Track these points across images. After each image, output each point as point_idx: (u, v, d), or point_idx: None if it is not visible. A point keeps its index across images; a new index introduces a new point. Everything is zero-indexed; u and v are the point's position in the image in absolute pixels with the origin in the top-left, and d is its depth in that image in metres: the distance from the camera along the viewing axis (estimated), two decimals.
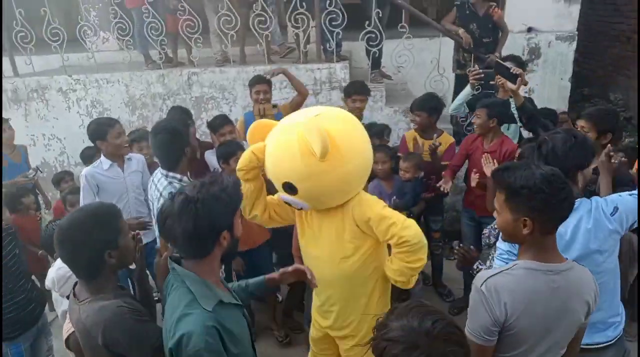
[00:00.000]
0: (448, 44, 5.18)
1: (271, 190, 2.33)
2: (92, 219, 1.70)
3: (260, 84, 4.04)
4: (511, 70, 3.48)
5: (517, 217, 1.61)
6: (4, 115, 4.44)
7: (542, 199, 1.56)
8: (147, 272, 2.06)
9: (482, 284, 1.59)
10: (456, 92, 4.88)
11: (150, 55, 5.45)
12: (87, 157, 4.32)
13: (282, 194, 2.18)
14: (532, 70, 6.11)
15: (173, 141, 2.69)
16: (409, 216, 3.32)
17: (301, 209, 2.23)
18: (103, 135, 3.33)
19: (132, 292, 2.13)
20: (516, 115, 3.63)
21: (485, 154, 3.40)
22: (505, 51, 4.93)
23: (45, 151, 5.47)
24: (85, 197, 3.33)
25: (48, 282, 2.39)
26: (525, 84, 3.55)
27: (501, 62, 3.84)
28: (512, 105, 3.66)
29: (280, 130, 2.12)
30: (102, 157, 3.43)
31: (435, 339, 1.10)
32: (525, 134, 4.04)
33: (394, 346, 1.12)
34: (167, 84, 5.18)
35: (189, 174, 2.94)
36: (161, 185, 2.71)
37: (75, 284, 1.81)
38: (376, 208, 2.15)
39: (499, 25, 4.88)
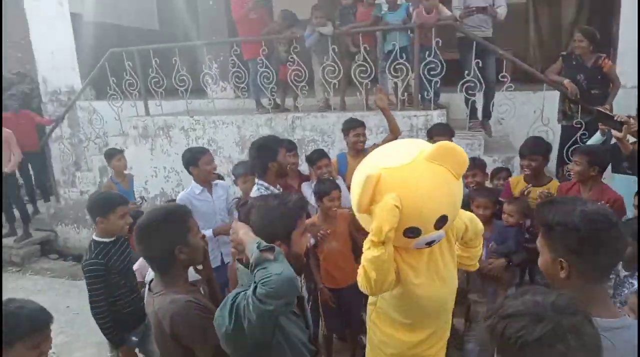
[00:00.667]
0: (551, 98, 5.08)
1: None
2: (165, 217, 1.89)
3: (359, 127, 4.20)
4: (615, 118, 3.34)
5: (554, 257, 1.45)
6: (134, 149, 5.21)
7: (578, 238, 1.38)
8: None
9: None
10: (562, 144, 4.73)
11: (261, 102, 5.99)
12: None
13: (430, 234, 1.97)
14: None
15: (259, 153, 3.06)
16: (508, 264, 3.28)
17: (431, 244, 2.04)
18: (195, 162, 3.72)
19: None
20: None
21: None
22: (617, 106, 4.72)
23: (164, 182, 6.15)
24: None
25: (135, 266, 2.61)
26: (632, 131, 3.38)
27: (603, 110, 3.71)
28: None
29: (413, 168, 1.90)
30: (193, 183, 3.80)
31: (561, 312, 1.03)
32: None
33: (516, 320, 1.03)
34: (274, 126, 5.64)
35: (278, 186, 3.20)
36: (252, 190, 3.05)
37: (152, 280, 1.99)
38: (461, 213, 2.16)
39: (609, 77, 4.71)
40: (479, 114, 5.34)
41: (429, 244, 2.03)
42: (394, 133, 4.37)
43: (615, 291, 2.71)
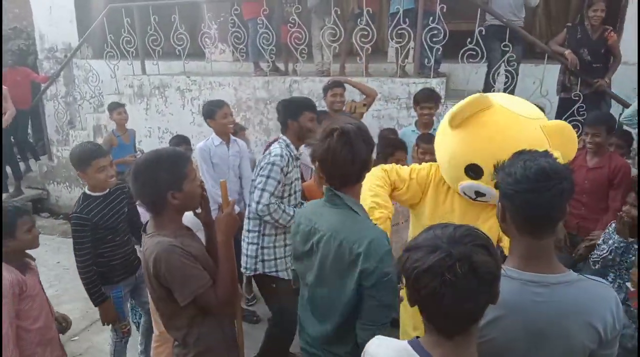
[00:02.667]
0: (552, 70, 5.00)
1: None
2: (161, 160, 1.83)
3: (337, 87, 4.21)
4: None
5: (498, 200, 1.41)
6: (129, 108, 5.19)
7: (511, 184, 1.33)
8: None
9: None
10: (559, 115, 4.68)
11: (260, 64, 5.90)
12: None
13: (487, 186, 2.00)
14: None
15: (284, 109, 3.03)
16: None
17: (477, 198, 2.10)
18: (212, 115, 3.78)
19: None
20: None
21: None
22: (614, 83, 4.66)
23: (159, 143, 6.08)
24: (202, 166, 3.73)
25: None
26: None
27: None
28: None
29: (523, 124, 1.98)
30: (214, 134, 3.86)
31: (456, 242, 1.06)
32: None
33: (415, 252, 1.08)
34: (271, 90, 5.56)
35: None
36: (274, 145, 3.03)
37: (147, 222, 1.97)
38: None
39: (612, 50, 4.63)
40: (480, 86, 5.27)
41: (476, 196, 2.07)
42: (370, 95, 4.37)
43: (621, 257, 2.71)
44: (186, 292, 1.75)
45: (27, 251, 2.51)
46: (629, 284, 2.50)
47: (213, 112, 3.78)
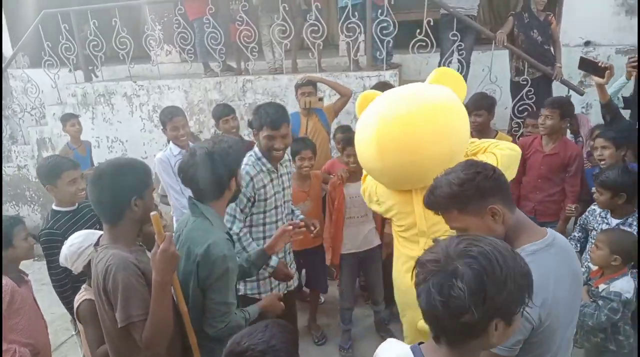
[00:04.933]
0: (500, 56, 5.13)
1: None
2: (127, 166, 1.80)
3: (306, 85, 4.15)
4: (599, 64, 3.37)
5: (481, 214, 1.48)
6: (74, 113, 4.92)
7: (485, 179, 1.47)
8: None
9: None
10: (512, 99, 4.82)
11: (209, 65, 5.74)
12: None
13: None
14: (590, 85, 5.92)
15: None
16: None
17: None
18: (164, 126, 3.59)
19: None
20: None
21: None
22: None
23: (108, 153, 5.83)
24: (164, 178, 3.51)
25: (61, 259, 2.34)
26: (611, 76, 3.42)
27: (587, 57, 3.73)
28: None
29: None
30: (171, 144, 3.63)
31: (451, 258, 1.07)
32: None
33: (419, 267, 1.12)
34: (223, 90, 5.43)
35: None
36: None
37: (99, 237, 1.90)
38: None
39: (552, 35, 4.81)
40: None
41: None
42: (345, 95, 4.32)
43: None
44: (124, 314, 1.65)
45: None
46: (590, 264, 2.59)
47: (163, 122, 3.59)
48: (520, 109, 4.70)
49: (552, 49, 4.82)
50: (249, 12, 5.30)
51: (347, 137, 3.31)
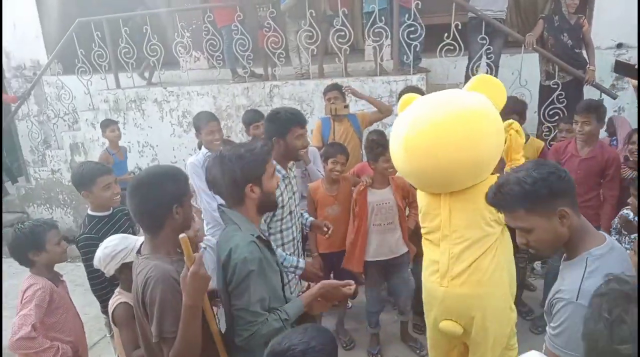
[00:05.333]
0: (529, 59, 5.07)
1: None
2: (167, 174, 1.80)
3: (333, 90, 4.17)
4: (635, 66, 3.32)
5: (549, 215, 1.47)
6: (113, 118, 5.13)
7: (558, 179, 1.46)
8: None
9: (577, 297, 1.41)
10: (540, 103, 4.75)
11: (237, 71, 5.82)
12: None
13: None
14: (622, 88, 5.79)
15: (268, 126, 2.86)
16: None
17: None
18: (199, 130, 3.70)
19: None
20: None
21: None
22: None
23: (139, 158, 5.96)
24: (196, 181, 3.57)
25: (95, 262, 2.35)
26: None
27: (622, 60, 3.67)
28: None
29: None
30: (203, 148, 3.75)
31: None
32: None
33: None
34: (251, 96, 5.50)
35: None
36: None
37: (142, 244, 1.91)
38: None
39: (584, 37, 4.73)
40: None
41: None
42: (384, 112, 4.32)
43: None
44: (157, 329, 1.64)
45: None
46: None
47: (198, 126, 3.70)
48: (550, 113, 4.64)
49: (583, 52, 4.73)
50: (276, 18, 5.37)
51: (382, 141, 3.27)
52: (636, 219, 2.81)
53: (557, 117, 4.49)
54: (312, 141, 4.04)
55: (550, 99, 4.63)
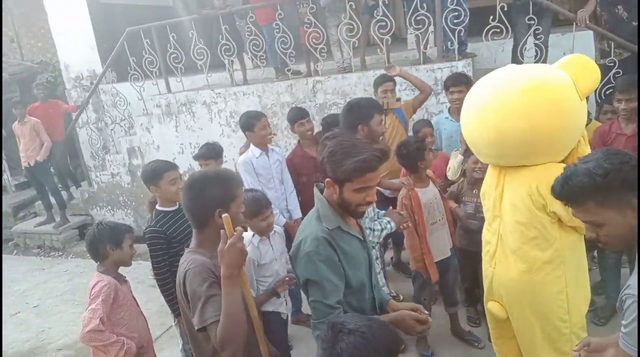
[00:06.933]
0: (581, 37, 4.81)
1: None
2: (217, 178, 1.88)
3: (387, 82, 4.12)
4: None
5: (621, 208, 1.39)
6: (158, 127, 5.23)
7: (631, 170, 1.39)
8: None
9: None
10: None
11: (280, 68, 5.90)
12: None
13: None
14: None
15: (349, 114, 2.87)
16: None
17: None
18: (251, 128, 3.80)
19: None
20: None
21: None
22: None
23: (191, 158, 6.17)
24: (247, 179, 3.71)
25: None
26: None
27: None
28: None
29: None
30: (252, 147, 3.88)
31: None
32: None
33: None
34: (295, 93, 5.56)
35: None
36: None
37: None
38: None
39: None
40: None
41: None
42: (425, 92, 4.23)
43: None
44: (199, 318, 1.71)
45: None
46: None
47: (252, 124, 3.80)
48: (607, 93, 4.39)
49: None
50: (316, 14, 5.39)
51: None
52: None
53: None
54: None
55: (606, 78, 4.37)
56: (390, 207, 2.99)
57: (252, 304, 1.88)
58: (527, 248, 2.27)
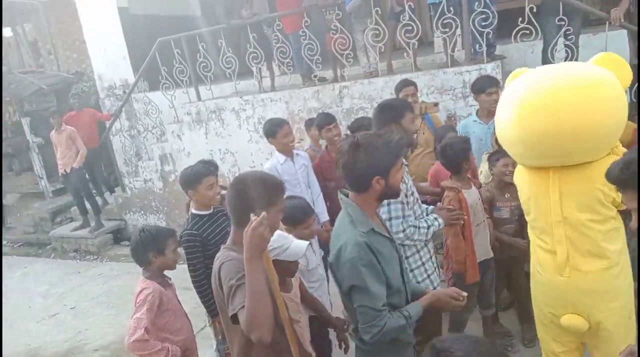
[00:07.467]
0: (614, 37, 4.71)
1: None
2: (261, 181, 1.96)
3: (408, 86, 4.13)
4: None
5: None
6: (189, 134, 5.33)
7: None
8: None
9: None
10: (632, 84, 4.39)
11: (307, 74, 5.96)
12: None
13: None
14: None
15: (382, 114, 2.83)
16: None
17: None
18: (273, 135, 3.86)
19: None
20: None
21: None
22: None
23: (221, 164, 6.25)
24: None
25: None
26: None
27: None
28: None
29: None
30: (277, 153, 3.95)
31: None
32: None
33: None
34: (321, 98, 5.61)
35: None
36: None
37: None
38: None
39: None
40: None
41: None
42: None
43: None
44: (231, 305, 1.79)
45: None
46: None
47: (274, 132, 3.86)
48: None
49: None
50: (342, 20, 5.43)
51: (467, 145, 3.17)
52: None
53: None
54: None
55: None
56: (439, 204, 2.97)
57: (282, 303, 1.91)
58: (606, 244, 2.21)
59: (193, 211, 3.13)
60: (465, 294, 2.01)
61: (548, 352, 2.57)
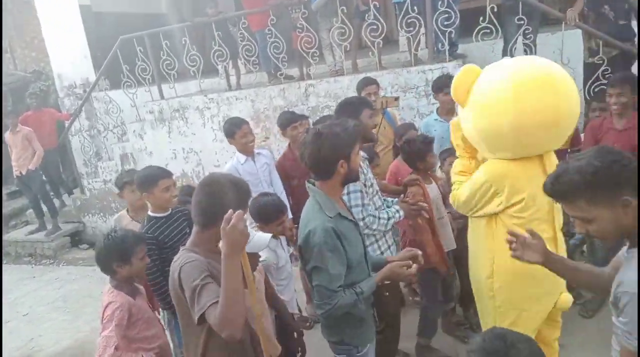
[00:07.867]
0: (570, 36, 4.86)
1: None
2: (233, 184, 1.91)
3: (370, 85, 4.13)
4: None
5: (612, 205, 1.40)
6: (151, 134, 5.19)
7: (621, 168, 1.39)
8: None
9: None
10: (585, 81, 4.55)
11: (273, 72, 5.92)
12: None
13: None
14: None
15: (341, 111, 2.94)
16: None
17: None
18: (232, 135, 3.81)
19: None
20: None
21: None
22: None
23: (184, 163, 6.17)
24: None
25: None
26: None
27: None
28: None
29: None
30: (237, 153, 3.88)
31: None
32: None
33: None
34: (287, 97, 5.57)
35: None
36: None
37: None
38: None
39: (633, 6, 4.49)
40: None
41: None
42: None
43: None
44: (197, 306, 1.72)
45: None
46: None
47: (233, 132, 3.80)
48: (596, 90, 4.43)
49: (628, 22, 4.49)
50: (308, 18, 5.43)
51: (428, 141, 3.21)
52: None
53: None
54: None
55: (595, 76, 4.41)
56: (402, 196, 3.02)
57: (253, 288, 1.84)
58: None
59: (150, 213, 3.03)
60: (418, 252, 2.23)
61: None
